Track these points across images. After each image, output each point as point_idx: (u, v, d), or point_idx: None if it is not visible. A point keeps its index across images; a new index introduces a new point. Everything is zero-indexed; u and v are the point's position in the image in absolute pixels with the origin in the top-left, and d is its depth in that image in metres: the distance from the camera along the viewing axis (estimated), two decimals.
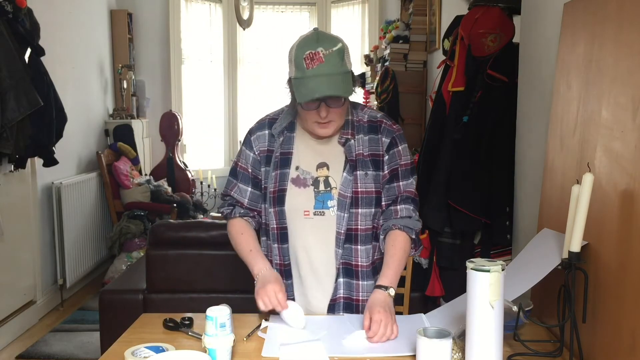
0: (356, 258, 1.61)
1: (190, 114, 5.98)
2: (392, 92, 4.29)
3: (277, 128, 1.64)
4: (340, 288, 1.61)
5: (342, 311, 1.62)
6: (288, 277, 1.63)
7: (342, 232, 1.58)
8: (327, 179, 1.60)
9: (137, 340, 1.37)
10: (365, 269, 1.62)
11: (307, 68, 1.46)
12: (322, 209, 1.59)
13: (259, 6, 6.01)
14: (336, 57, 1.47)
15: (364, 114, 1.66)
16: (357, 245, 1.60)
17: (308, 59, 1.46)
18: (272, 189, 1.61)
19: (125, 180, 4.64)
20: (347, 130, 1.61)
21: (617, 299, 1.17)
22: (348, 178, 1.58)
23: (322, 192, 1.59)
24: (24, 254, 3.70)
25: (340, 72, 1.47)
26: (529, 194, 2.08)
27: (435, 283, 2.56)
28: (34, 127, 3.24)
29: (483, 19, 2.48)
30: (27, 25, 3.24)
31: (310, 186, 1.60)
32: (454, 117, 2.53)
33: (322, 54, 1.46)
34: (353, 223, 1.59)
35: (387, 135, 1.63)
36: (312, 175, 1.61)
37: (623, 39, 1.26)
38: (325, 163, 1.61)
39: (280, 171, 1.62)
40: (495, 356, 1.17)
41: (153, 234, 2.59)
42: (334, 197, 1.59)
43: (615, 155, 1.23)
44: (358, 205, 1.58)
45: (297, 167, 1.61)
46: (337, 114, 1.53)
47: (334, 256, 1.60)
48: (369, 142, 1.62)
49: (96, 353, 3.09)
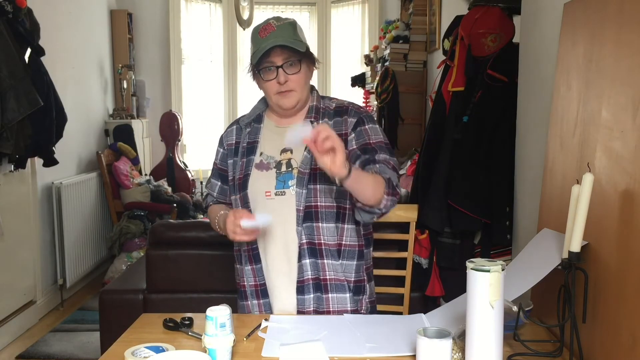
0: (319, 236, 1.61)
1: (190, 114, 5.98)
2: (392, 92, 4.29)
3: (244, 120, 1.74)
4: (308, 270, 1.61)
5: (312, 292, 1.62)
6: (257, 262, 1.66)
7: (301, 209, 1.60)
8: (289, 161, 1.64)
9: (137, 340, 1.37)
10: (330, 247, 1.62)
11: (261, 37, 1.57)
12: (283, 188, 1.62)
13: (259, 6, 6.01)
14: (288, 28, 1.59)
15: (332, 102, 1.72)
16: (318, 223, 1.61)
17: (262, 31, 1.58)
18: (238, 176, 1.67)
19: (125, 180, 4.64)
20: (310, 115, 1.67)
21: (617, 299, 1.17)
22: (307, 156, 1.61)
23: (283, 173, 1.63)
24: (24, 254, 3.70)
25: (292, 37, 1.58)
26: (529, 194, 2.08)
27: (435, 283, 2.56)
28: (34, 127, 3.24)
29: (483, 19, 2.48)
30: (27, 25, 3.23)
31: (273, 169, 1.64)
32: (454, 117, 2.53)
33: (274, 24, 1.59)
34: (312, 200, 1.60)
35: (354, 115, 1.66)
36: (275, 159, 1.65)
37: (623, 39, 1.26)
38: (289, 148, 1.65)
39: (246, 159, 1.68)
40: (495, 356, 1.17)
41: (153, 234, 2.59)
42: (294, 177, 1.61)
43: (615, 155, 1.23)
44: (316, 181, 1.60)
45: (262, 153, 1.67)
46: (296, 82, 1.60)
47: (296, 235, 1.61)
48: (333, 125, 1.66)
49: (96, 353, 3.09)
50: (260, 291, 1.66)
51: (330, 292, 1.63)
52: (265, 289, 1.66)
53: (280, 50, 1.56)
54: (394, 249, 2.31)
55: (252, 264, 1.67)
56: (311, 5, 6.21)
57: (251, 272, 1.67)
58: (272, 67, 1.59)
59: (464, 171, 2.45)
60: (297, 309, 1.63)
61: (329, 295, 1.63)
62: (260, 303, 1.67)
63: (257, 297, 1.67)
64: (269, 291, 1.66)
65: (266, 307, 1.66)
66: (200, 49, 6.04)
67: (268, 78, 1.61)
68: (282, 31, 1.57)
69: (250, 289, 1.68)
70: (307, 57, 1.62)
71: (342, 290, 1.64)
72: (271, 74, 1.60)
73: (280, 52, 1.57)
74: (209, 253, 2.54)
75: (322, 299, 1.63)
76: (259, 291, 1.66)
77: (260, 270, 1.66)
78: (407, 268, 2.21)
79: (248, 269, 1.68)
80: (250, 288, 1.67)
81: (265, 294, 1.66)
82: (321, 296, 1.63)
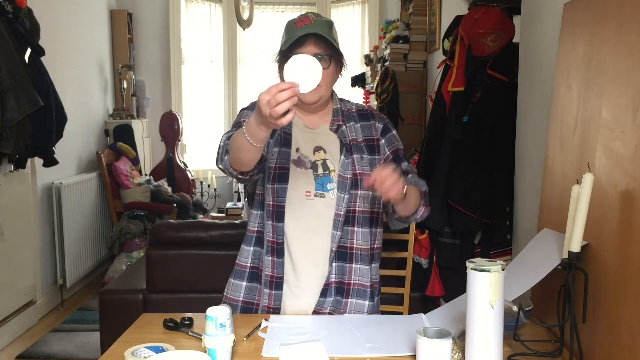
0: (352, 240, 1.62)
1: (190, 114, 5.98)
2: (392, 92, 4.29)
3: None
4: (333, 272, 1.61)
5: (333, 296, 1.62)
6: (280, 255, 1.62)
7: (341, 213, 1.59)
8: (324, 162, 1.63)
9: (137, 340, 1.37)
10: (361, 252, 1.63)
11: (297, 27, 1.54)
12: (322, 191, 1.61)
13: (259, 6, 6.01)
14: (325, 24, 1.55)
15: (351, 105, 1.73)
16: (354, 227, 1.62)
17: (298, 22, 1.55)
18: (273, 164, 1.61)
19: (125, 180, 4.64)
20: (337, 118, 1.65)
21: (617, 299, 1.17)
22: (345, 161, 1.61)
23: (321, 175, 1.62)
24: (24, 254, 3.70)
25: (328, 33, 1.54)
26: (529, 194, 2.08)
27: (435, 283, 2.56)
28: (34, 127, 3.24)
29: (483, 19, 2.48)
30: (27, 25, 3.24)
31: (310, 169, 1.62)
32: (454, 117, 2.53)
33: (312, 18, 1.55)
34: (352, 205, 1.60)
35: (380, 121, 1.70)
36: (309, 158, 1.63)
37: (623, 39, 1.26)
38: (321, 147, 1.64)
39: (282, 149, 1.63)
40: (495, 356, 1.17)
41: (153, 234, 2.59)
42: (333, 180, 1.61)
43: (615, 155, 1.23)
44: (357, 186, 1.60)
45: (298, 149, 1.63)
46: (324, 78, 1.50)
47: (330, 239, 1.60)
48: (361, 128, 1.66)
49: (96, 353, 3.10)
50: (275, 283, 1.63)
51: (351, 297, 1.63)
52: (281, 282, 1.63)
53: (315, 41, 1.53)
54: (394, 249, 2.31)
55: (273, 256, 1.62)
56: (311, 5, 6.21)
57: (270, 263, 1.63)
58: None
59: (464, 171, 2.45)
60: (314, 309, 1.63)
61: (348, 300, 1.64)
62: (271, 293, 1.63)
63: (271, 288, 1.64)
64: (285, 284, 1.63)
65: (276, 299, 1.63)
66: (200, 49, 6.04)
67: None
68: (319, 25, 1.53)
69: (266, 279, 1.64)
70: (338, 57, 1.59)
71: (362, 297, 1.65)
72: None
73: (314, 43, 1.53)
74: (209, 253, 2.54)
75: (341, 303, 1.63)
76: (273, 282, 1.63)
77: (280, 265, 1.62)
78: (407, 268, 2.21)
79: (268, 259, 1.63)
80: (266, 278, 1.64)
81: (279, 286, 1.63)
82: (340, 300, 1.63)
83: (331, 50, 1.56)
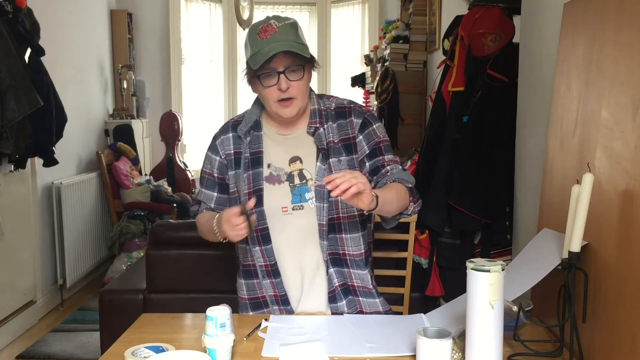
0: (343, 247, 1.59)
1: (190, 114, 5.97)
2: (392, 92, 4.29)
3: (242, 128, 1.61)
4: (334, 278, 1.60)
5: (343, 298, 1.61)
6: (276, 276, 1.61)
7: (324, 223, 1.55)
8: (301, 171, 1.58)
9: (137, 340, 1.37)
10: (355, 257, 1.60)
11: (261, 40, 1.45)
12: (301, 202, 1.56)
13: (259, 6, 6.01)
14: (290, 29, 1.48)
15: (331, 102, 1.64)
16: (342, 234, 1.58)
17: (261, 32, 1.46)
18: (246, 190, 1.57)
19: (125, 180, 4.64)
20: (314, 120, 1.59)
21: (617, 299, 1.17)
22: (322, 167, 1.56)
23: (297, 186, 1.57)
24: (24, 254, 3.70)
25: (295, 40, 1.47)
26: (529, 194, 2.08)
27: (435, 283, 2.56)
28: (34, 127, 3.24)
29: (483, 19, 2.48)
30: (27, 25, 3.23)
31: (285, 182, 1.57)
32: (454, 117, 2.53)
33: (275, 25, 1.47)
34: (334, 212, 1.56)
35: (358, 116, 1.61)
36: (285, 170, 1.58)
37: (623, 39, 1.26)
38: (297, 157, 1.59)
39: (253, 171, 1.58)
40: (495, 356, 1.17)
41: (153, 234, 2.59)
42: (310, 189, 1.56)
43: (615, 155, 1.23)
44: None
45: (269, 165, 1.59)
46: (298, 89, 1.50)
47: (320, 249, 1.58)
48: (337, 128, 1.60)
49: (96, 353, 3.09)
50: (281, 301, 1.63)
51: (361, 296, 1.64)
52: (286, 299, 1.62)
53: (284, 56, 1.46)
54: (394, 249, 2.31)
55: (270, 278, 1.61)
56: (311, 5, 6.21)
57: (270, 284, 1.62)
58: (273, 72, 1.48)
59: (464, 171, 2.45)
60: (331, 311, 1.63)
61: (359, 299, 1.64)
62: (273, 282, 1.62)
63: (278, 304, 1.64)
64: (291, 301, 1.63)
65: (279, 286, 1.62)
66: (200, 49, 6.03)
67: (268, 84, 1.49)
68: (284, 33, 1.46)
69: (270, 298, 1.63)
70: (310, 62, 1.53)
71: (371, 296, 1.65)
72: (271, 80, 1.49)
73: (283, 58, 1.46)
74: (209, 253, 2.54)
75: (354, 302, 1.63)
76: (279, 300, 1.63)
77: (280, 284, 1.61)
78: (407, 268, 2.21)
79: (267, 282, 1.62)
80: (270, 298, 1.63)
81: (286, 302, 1.63)
82: (353, 299, 1.63)
83: (302, 60, 1.49)
